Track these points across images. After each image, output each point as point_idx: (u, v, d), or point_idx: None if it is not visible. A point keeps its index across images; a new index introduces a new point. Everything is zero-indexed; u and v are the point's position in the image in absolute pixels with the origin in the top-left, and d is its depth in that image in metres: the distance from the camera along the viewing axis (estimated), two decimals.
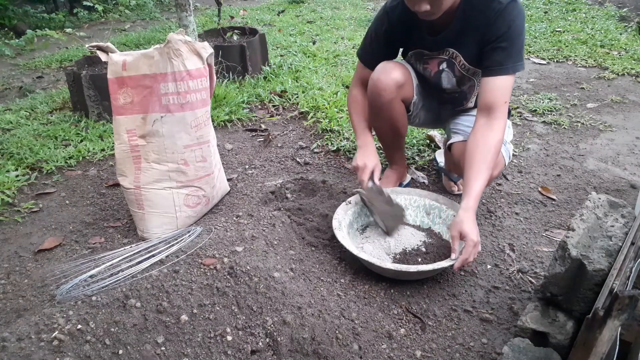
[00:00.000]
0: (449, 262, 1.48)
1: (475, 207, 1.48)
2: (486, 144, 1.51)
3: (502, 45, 1.52)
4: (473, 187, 1.48)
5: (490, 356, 1.32)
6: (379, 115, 1.80)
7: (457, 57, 1.67)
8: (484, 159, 1.50)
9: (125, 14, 5.52)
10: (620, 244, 1.19)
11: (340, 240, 1.57)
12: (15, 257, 1.73)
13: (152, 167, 1.68)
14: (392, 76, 1.69)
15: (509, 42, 1.51)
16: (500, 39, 1.52)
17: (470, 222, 1.44)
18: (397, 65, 1.73)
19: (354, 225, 1.76)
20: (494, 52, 1.53)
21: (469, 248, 1.41)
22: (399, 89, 1.71)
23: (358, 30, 4.84)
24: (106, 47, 1.63)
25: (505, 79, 1.53)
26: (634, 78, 3.37)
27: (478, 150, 1.51)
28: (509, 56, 1.52)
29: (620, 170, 2.27)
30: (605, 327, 0.92)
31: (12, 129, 2.72)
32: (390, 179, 2.02)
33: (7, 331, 1.17)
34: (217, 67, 3.17)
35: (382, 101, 1.72)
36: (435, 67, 1.74)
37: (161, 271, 1.36)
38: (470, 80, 1.75)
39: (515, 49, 1.52)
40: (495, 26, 1.51)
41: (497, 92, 1.53)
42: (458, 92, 1.80)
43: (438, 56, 1.71)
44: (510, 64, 1.53)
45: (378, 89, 1.70)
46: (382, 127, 1.86)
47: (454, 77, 1.73)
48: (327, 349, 1.27)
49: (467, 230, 1.43)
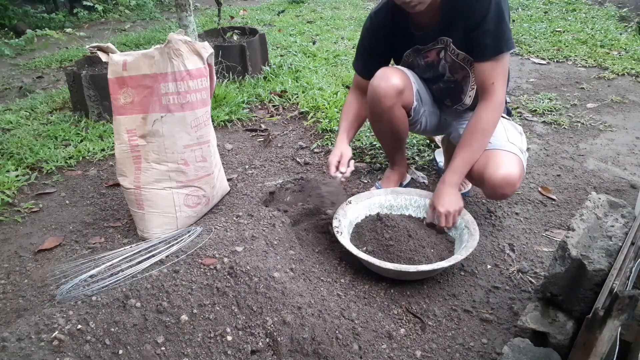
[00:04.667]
0: (449, 262, 1.48)
1: (452, 181, 1.63)
2: (475, 127, 1.60)
3: (487, 28, 1.54)
4: (454, 164, 1.63)
5: (490, 356, 1.32)
6: (379, 121, 1.81)
7: (449, 42, 1.68)
8: (470, 142, 1.61)
9: (125, 14, 5.52)
10: (620, 244, 1.19)
11: (341, 241, 1.57)
12: (15, 257, 1.73)
13: (152, 167, 1.68)
14: (392, 82, 1.69)
15: (492, 23, 1.53)
16: (483, 21, 1.53)
17: (442, 194, 1.63)
18: (396, 71, 1.73)
19: (353, 225, 1.76)
20: (481, 36, 1.56)
21: (440, 218, 1.63)
22: (399, 95, 1.71)
23: (358, 30, 4.83)
24: (106, 48, 1.63)
25: (492, 62, 1.57)
26: (634, 78, 3.37)
27: (467, 133, 1.62)
28: (495, 38, 1.54)
29: (620, 170, 2.27)
30: (605, 327, 0.92)
31: (12, 129, 2.72)
32: (391, 179, 2.02)
33: (7, 331, 1.17)
34: (217, 67, 3.17)
35: (382, 107, 1.73)
36: (436, 57, 1.74)
37: (161, 271, 1.36)
38: (463, 69, 1.73)
39: (500, 28, 1.54)
40: (475, 10, 1.53)
41: (485, 75, 1.58)
42: (453, 82, 1.79)
43: (434, 46, 1.71)
44: (495, 44, 1.55)
45: (378, 95, 1.71)
46: (383, 132, 1.87)
47: (446, 63, 1.74)
48: (327, 349, 1.27)
49: (435, 202, 1.64)
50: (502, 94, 1.60)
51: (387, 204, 1.83)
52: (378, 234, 1.66)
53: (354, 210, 1.76)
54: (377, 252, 1.61)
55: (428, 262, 1.54)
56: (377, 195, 1.83)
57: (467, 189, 2.06)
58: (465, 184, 2.08)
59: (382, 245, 1.63)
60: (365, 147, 2.49)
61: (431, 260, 1.56)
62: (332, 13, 5.69)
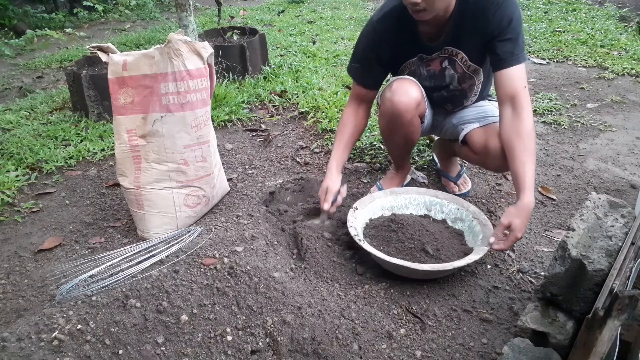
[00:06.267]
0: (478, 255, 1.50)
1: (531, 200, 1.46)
2: (521, 133, 1.51)
3: (508, 37, 1.54)
4: (524, 179, 1.47)
5: (490, 356, 1.32)
6: (395, 133, 1.80)
7: (458, 54, 1.67)
8: (524, 148, 1.50)
9: (125, 14, 5.52)
10: (620, 244, 1.19)
11: (367, 249, 1.54)
12: (15, 257, 1.73)
13: (152, 167, 1.68)
14: (412, 96, 1.69)
15: (513, 32, 1.54)
16: (504, 32, 1.54)
17: (523, 219, 1.45)
18: (412, 83, 1.72)
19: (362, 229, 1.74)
20: (502, 44, 1.55)
21: (511, 239, 1.45)
22: (417, 107, 1.72)
23: (358, 30, 4.81)
24: (107, 48, 1.63)
25: (519, 67, 1.56)
26: (634, 78, 3.37)
27: (516, 140, 1.51)
28: (516, 45, 1.55)
29: (620, 170, 2.27)
30: (605, 327, 0.92)
31: (12, 129, 2.72)
32: (393, 180, 2.02)
33: (7, 331, 1.17)
34: (217, 67, 3.17)
35: (402, 121, 1.72)
36: (439, 66, 1.74)
37: (161, 271, 1.36)
38: (471, 78, 1.75)
39: (520, 39, 1.56)
40: (496, 20, 1.54)
41: (516, 80, 1.55)
42: (459, 91, 1.80)
43: (439, 56, 1.71)
44: (520, 52, 1.56)
45: (399, 110, 1.69)
46: (397, 142, 1.86)
47: (455, 73, 1.74)
48: (327, 349, 1.27)
49: (518, 225, 1.44)
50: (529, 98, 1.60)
51: (388, 205, 1.83)
52: (395, 235, 1.65)
53: (361, 215, 1.75)
54: (399, 254, 1.59)
55: (454, 258, 1.54)
56: (378, 197, 1.83)
57: (467, 189, 2.06)
58: (465, 184, 2.08)
59: (404, 246, 1.61)
60: (365, 147, 2.49)
61: (455, 255, 1.56)
62: (332, 13, 5.69)
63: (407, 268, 1.48)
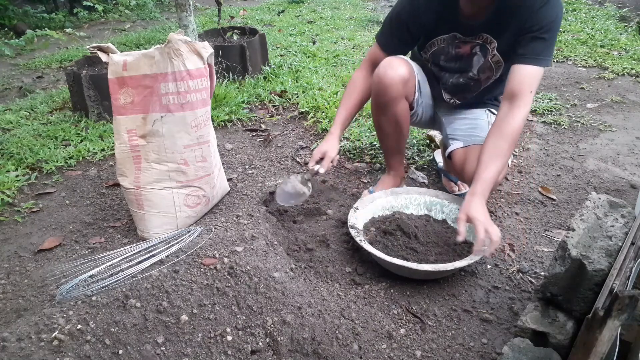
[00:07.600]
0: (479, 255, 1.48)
1: (483, 192, 1.46)
2: (502, 132, 1.51)
3: (543, 36, 1.50)
4: (482, 173, 1.48)
5: (490, 356, 1.32)
6: (384, 112, 1.78)
7: (492, 42, 1.64)
8: (495, 146, 1.50)
9: (125, 14, 5.52)
10: (620, 244, 1.19)
11: (368, 249, 1.54)
12: (15, 257, 1.73)
13: (152, 167, 1.68)
14: (399, 72, 1.67)
15: (550, 34, 1.50)
16: (543, 29, 1.50)
17: (477, 205, 1.42)
18: (402, 60, 1.72)
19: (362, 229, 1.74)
20: (533, 41, 1.51)
21: (480, 230, 1.38)
22: (404, 85, 1.70)
23: (358, 30, 4.84)
24: (107, 48, 1.63)
25: (536, 69, 1.52)
26: (634, 78, 3.37)
27: (493, 137, 1.52)
28: (546, 48, 1.51)
29: (620, 170, 2.27)
30: (605, 327, 0.92)
31: (12, 129, 2.72)
32: (385, 184, 1.99)
33: (7, 331, 1.17)
34: (217, 67, 3.17)
35: (388, 97, 1.70)
36: (469, 51, 1.71)
37: (161, 271, 1.36)
38: (491, 70, 1.72)
39: (553, 42, 1.52)
40: (539, 15, 1.49)
41: (526, 80, 1.51)
42: (474, 80, 1.77)
43: (472, 41, 1.67)
44: (546, 56, 1.52)
45: (384, 84, 1.68)
46: (387, 125, 1.83)
47: (483, 61, 1.70)
48: (327, 349, 1.27)
49: (474, 213, 1.40)
50: (531, 104, 1.56)
51: (388, 205, 1.83)
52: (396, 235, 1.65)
53: (361, 215, 1.75)
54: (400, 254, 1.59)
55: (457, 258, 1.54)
56: (379, 197, 1.83)
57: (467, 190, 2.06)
58: (465, 185, 2.08)
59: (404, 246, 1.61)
60: (365, 147, 2.49)
61: (457, 255, 1.56)
62: (332, 13, 5.69)
63: (408, 268, 1.47)
